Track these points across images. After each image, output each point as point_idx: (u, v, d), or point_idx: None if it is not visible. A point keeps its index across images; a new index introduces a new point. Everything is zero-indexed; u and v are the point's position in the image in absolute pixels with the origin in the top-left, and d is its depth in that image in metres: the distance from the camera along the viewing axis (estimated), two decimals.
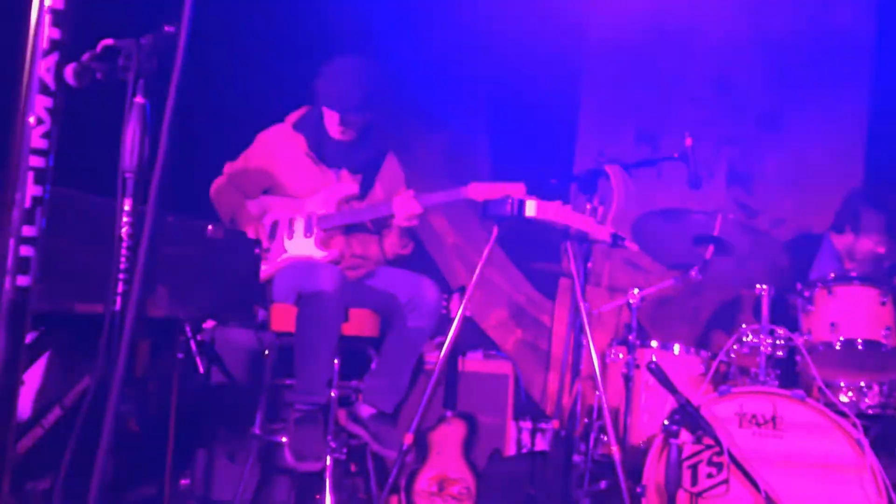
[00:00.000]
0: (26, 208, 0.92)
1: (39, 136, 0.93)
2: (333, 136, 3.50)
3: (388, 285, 3.45)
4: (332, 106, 3.42)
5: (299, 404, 3.22)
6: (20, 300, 0.93)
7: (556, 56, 4.99)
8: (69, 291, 1.72)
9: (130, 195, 1.53)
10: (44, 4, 0.92)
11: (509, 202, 3.19)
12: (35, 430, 1.95)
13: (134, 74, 1.42)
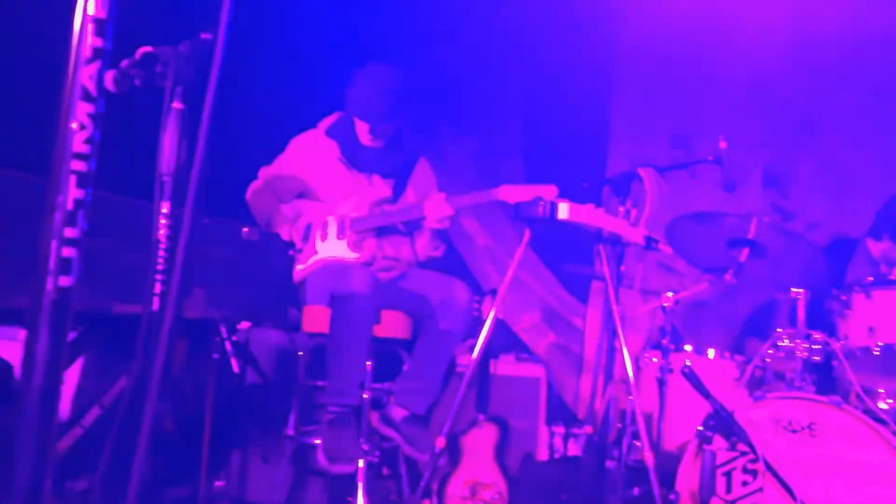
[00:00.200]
0: (69, 211, 0.95)
1: (82, 141, 0.95)
2: (364, 143, 3.53)
3: (420, 287, 3.46)
4: (363, 116, 3.45)
5: (332, 406, 3.24)
6: (62, 300, 0.95)
7: (589, 59, 4.97)
8: (108, 292, 1.75)
9: (168, 198, 1.55)
10: (87, 14, 0.94)
11: (541, 204, 3.19)
12: (75, 429, 1.99)
13: (171, 81, 1.45)
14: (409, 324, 3.49)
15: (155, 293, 1.54)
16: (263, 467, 3.51)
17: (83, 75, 0.94)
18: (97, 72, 0.94)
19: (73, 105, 0.94)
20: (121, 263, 1.76)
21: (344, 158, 3.54)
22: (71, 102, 0.94)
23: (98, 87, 0.95)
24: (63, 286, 0.95)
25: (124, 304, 1.78)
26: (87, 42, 0.94)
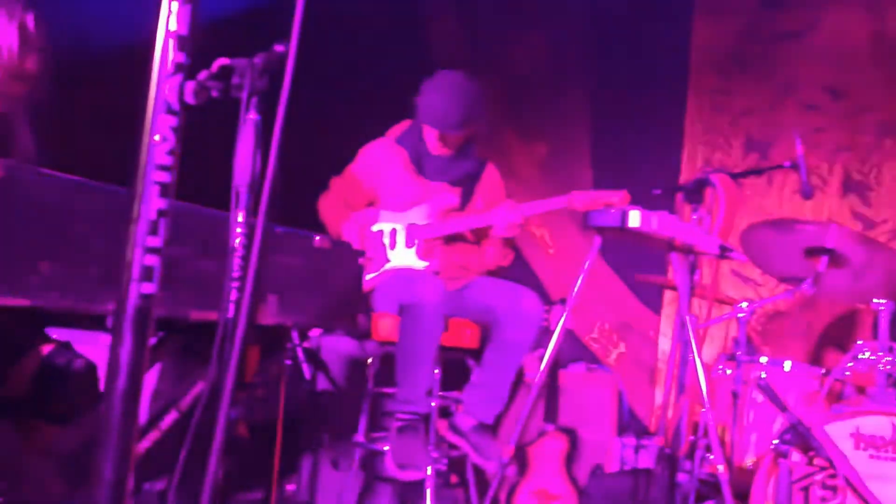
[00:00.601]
0: (151, 220, 0.99)
1: (164, 153, 0.99)
2: (433, 151, 3.55)
3: (488, 296, 3.46)
4: (432, 124, 3.47)
5: (400, 413, 3.26)
6: (145, 306, 0.99)
7: (662, 61, 4.90)
8: (185, 299, 1.80)
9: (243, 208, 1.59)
10: (169, 30, 0.98)
11: (611, 212, 3.15)
12: (152, 431, 2.05)
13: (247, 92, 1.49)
14: (476, 333, 3.49)
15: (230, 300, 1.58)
16: (333, 473, 3.55)
17: (165, 89, 0.97)
18: (178, 86, 0.98)
19: (156, 118, 0.98)
20: (198, 271, 1.81)
21: (413, 166, 3.56)
22: (154, 116, 0.98)
23: (179, 100, 0.98)
24: (146, 293, 0.98)
25: (201, 311, 1.83)
26: (168, 57, 0.98)
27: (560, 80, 5.13)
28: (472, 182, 3.63)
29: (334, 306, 2.26)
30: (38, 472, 1.73)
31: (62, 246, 1.55)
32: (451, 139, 3.50)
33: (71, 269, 1.56)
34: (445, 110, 3.41)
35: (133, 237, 0.98)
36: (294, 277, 2.10)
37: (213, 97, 1.51)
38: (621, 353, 4.84)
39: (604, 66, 5.00)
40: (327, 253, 2.22)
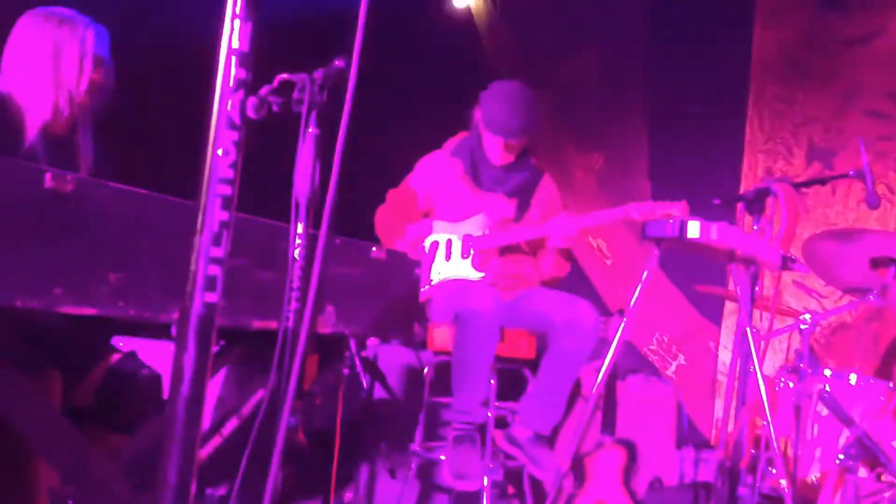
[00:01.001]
0: (214, 232, 1.02)
1: (226, 166, 1.02)
2: (492, 161, 3.56)
3: (544, 306, 3.45)
4: (497, 130, 3.47)
5: (457, 423, 3.27)
6: (208, 315, 1.02)
7: (721, 69, 4.83)
8: (247, 308, 1.84)
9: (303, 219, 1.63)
10: (231, 47, 1.01)
11: (670, 223, 3.12)
12: (214, 438, 2.09)
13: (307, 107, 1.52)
14: (532, 343, 3.48)
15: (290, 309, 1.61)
16: (390, 482, 3.57)
17: (228, 105, 1.00)
18: (240, 102, 1.01)
19: (218, 133, 1.01)
20: (258, 282, 1.85)
21: (469, 177, 3.58)
22: (217, 130, 1.01)
23: (241, 115, 1.02)
24: (209, 302, 1.01)
25: (262, 320, 1.87)
26: (231, 74, 1.01)
27: (617, 89, 5.10)
28: (529, 193, 3.63)
29: (391, 316, 2.28)
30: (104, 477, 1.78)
31: (128, 257, 1.61)
32: (515, 145, 3.51)
33: (137, 280, 1.61)
34: (510, 118, 3.42)
35: (197, 248, 1.01)
36: (351, 287, 2.13)
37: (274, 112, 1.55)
38: (681, 365, 4.77)
39: (661, 75, 4.95)
40: (383, 263, 2.25)
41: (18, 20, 2.32)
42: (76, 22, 2.32)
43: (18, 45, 2.29)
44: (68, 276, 1.51)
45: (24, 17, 2.33)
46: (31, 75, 2.26)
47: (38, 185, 1.47)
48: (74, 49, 2.28)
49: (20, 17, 2.34)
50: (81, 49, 2.29)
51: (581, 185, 5.07)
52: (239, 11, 1.02)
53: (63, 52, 2.27)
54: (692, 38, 4.82)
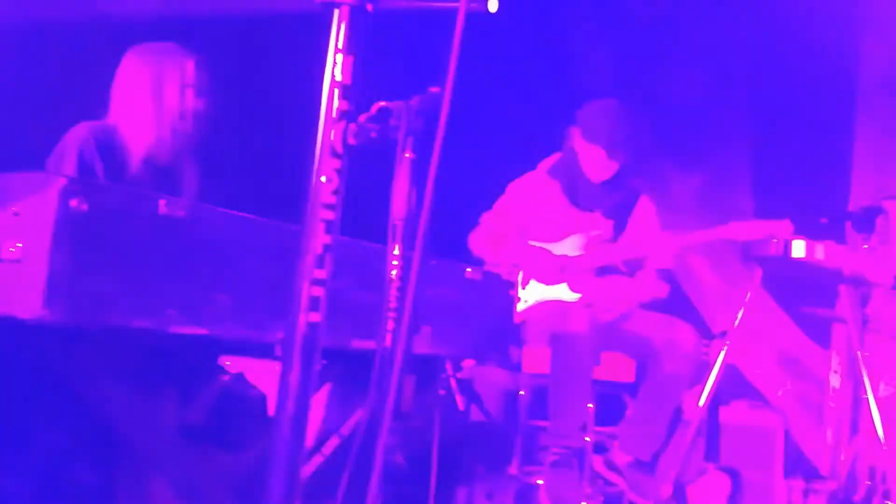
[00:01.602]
0: (318, 254, 1.06)
1: (329, 192, 1.07)
2: (591, 178, 3.53)
3: (643, 329, 3.39)
4: (599, 141, 3.43)
5: (554, 447, 3.24)
6: (312, 335, 1.06)
7: (828, 82, 4.67)
8: (346, 328, 1.89)
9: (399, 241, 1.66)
10: (335, 80, 1.06)
11: (774, 242, 3.03)
12: (316, 456, 2.14)
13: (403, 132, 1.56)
14: (632, 366, 3.43)
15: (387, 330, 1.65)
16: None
17: (331, 135, 1.05)
18: (342, 131, 1.05)
19: (322, 161, 1.06)
20: (357, 302, 1.90)
21: (565, 197, 3.57)
22: (320, 159, 1.06)
23: (343, 144, 1.06)
24: (312, 322, 1.06)
25: (360, 340, 1.91)
26: (333, 105, 1.06)
27: (717, 106, 4.99)
28: (626, 212, 3.59)
29: (486, 337, 2.30)
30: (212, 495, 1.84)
31: (236, 279, 1.68)
32: (618, 157, 3.48)
33: (244, 300, 1.68)
34: (613, 128, 3.41)
35: (301, 270, 1.06)
36: (446, 308, 2.16)
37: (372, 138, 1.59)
38: (788, 391, 4.60)
39: (763, 90, 4.82)
40: (478, 284, 2.27)
41: (124, 56, 2.46)
42: (176, 53, 2.44)
43: (123, 79, 2.43)
44: (180, 297, 1.59)
45: (128, 53, 2.46)
46: (134, 107, 2.39)
47: (152, 211, 1.56)
48: (175, 79, 2.40)
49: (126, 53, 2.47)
50: (181, 79, 2.40)
51: (681, 205, 4.98)
52: (341, 46, 1.07)
53: (164, 82, 2.39)
54: (797, 50, 4.68)
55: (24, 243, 1.44)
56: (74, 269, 1.43)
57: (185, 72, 2.41)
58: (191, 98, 2.42)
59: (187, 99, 2.41)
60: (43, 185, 1.45)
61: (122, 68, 2.44)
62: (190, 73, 2.41)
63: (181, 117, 2.41)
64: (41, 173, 1.91)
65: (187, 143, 2.48)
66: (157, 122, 2.39)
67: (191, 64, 2.42)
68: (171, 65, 2.41)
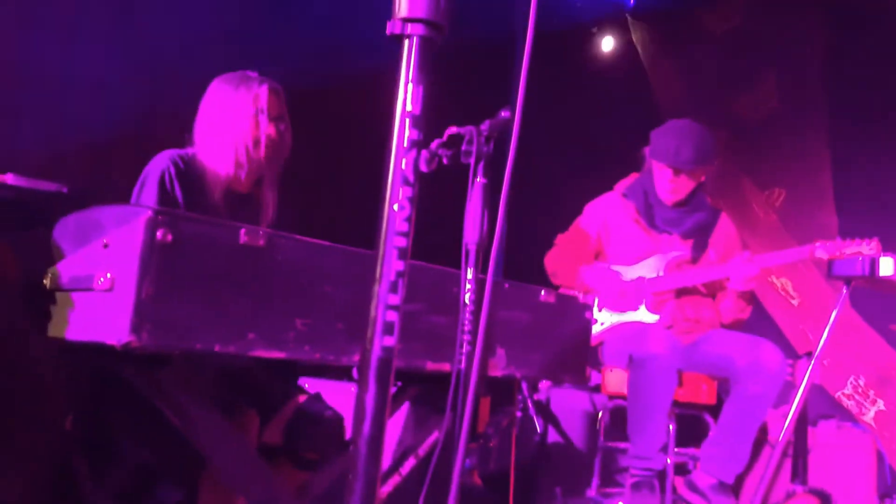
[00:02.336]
0: (391, 280, 1.09)
1: (402, 220, 1.09)
2: (663, 198, 3.49)
3: (725, 349, 3.32)
4: (664, 158, 3.40)
5: (635, 469, 3.19)
6: (387, 358, 1.08)
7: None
8: (421, 351, 1.91)
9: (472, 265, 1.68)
10: (405, 110, 1.08)
11: (860, 260, 2.94)
12: (394, 476, 2.16)
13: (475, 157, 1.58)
14: (713, 388, 3.35)
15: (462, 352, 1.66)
16: None
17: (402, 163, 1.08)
18: (413, 160, 1.08)
19: (394, 189, 1.08)
20: (431, 325, 1.92)
21: (642, 218, 3.53)
22: (393, 187, 1.08)
23: (414, 173, 1.09)
24: (387, 346, 1.08)
25: (435, 363, 1.93)
26: (405, 135, 1.08)
27: (797, 120, 4.88)
28: (706, 233, 3.53)
29: (562, 359, 2.28)
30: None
31: (314, 304, 1.72)
32: (683, 179, 3.42)
33: (321, 325, 1.72)
34: (678, 147, 3.36)
35: (376, 296, 1.08)
36: (521, 331, 2.15)
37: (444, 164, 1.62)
38: (880, 411, 4.42)
39: (844, 103, 4.69)
40: (553, 307, 2.26)
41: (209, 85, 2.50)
42: (251, 81, 2.45)
43: (204, 107, 2.48)
44: (260, 322, 1.63)
45: (213, 82, 2.51)
46: (212, 136, 2.43)
47: (234, 240, 1.61)
48: (248, 107, 2.41)
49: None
50: (255, 106, 2.42)
51: (762, 224, 4.86)
52: (412, 76, 1.10)
53: (238, 110, 2.41)
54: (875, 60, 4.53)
55: (113, 273, 1.51)
56: (160, 297, 1.49)
57: (258, 98, 2.42)
58: (264, 124, 2.43)
59: (261, 125, 2.42)
60: (130, 217, 1.52)
61: (204, 98, 2.50)
62: (263, 99, 2.43)
63: (255, 144, 2.43)
64: (128, 206, 2.00)
65: (266, 170, 2.50)
66: (234, 150, 2.41)
67: (264, 90, 2.43)
68: (245, 92, 2.43)
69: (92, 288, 1.53)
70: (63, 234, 1.69)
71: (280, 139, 2.48)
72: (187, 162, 2.42)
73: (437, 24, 1.14)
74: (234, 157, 2.41)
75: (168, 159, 2.39)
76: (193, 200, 2.37)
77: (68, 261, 1.64)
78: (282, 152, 2.52)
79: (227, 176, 2.43)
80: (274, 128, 2.45)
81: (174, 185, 2.36)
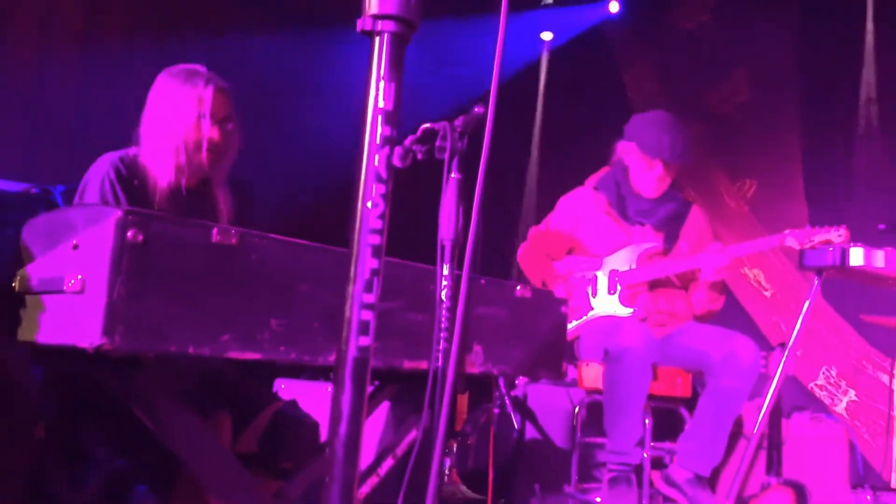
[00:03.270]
0: (366, 279, 1.08)
1: (375, 217, 1.08)
2: (643, 192, 3.50)
3: (699, 342, 3.34)
4: (656, 153, 3.40)
5: (612, 464, 3.21)
6: (362, 358, 1.07)
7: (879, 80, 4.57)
8: (398, 349, 1.90)
9: (448, 261, 1.68)
10: (378, 107, 1.07)
11: (830, 250, 2.97)
12: (371, 477, 2.15)
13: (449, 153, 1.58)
14: (688, 381, 3.37)
15: (439, 350, 1.66)
16: None
17: (375, 160, 1.07)
18: (386, 157, 1.07)
19: (367, 187, 1.07)
20: (409, 323, 1.91)
21: (613, 211, 3.54)
22: (366, 184, 1.07)
23: (387, 169, 1.08)
24: (363, 345, 1.07)
25: (412, 361, 1.92)
26: (377, 131, 1.07)
27: (766, 113, 4.92)
28: (677, 225, 3.55)
29: (538, 355, 2.28)
30: None
31: (289, 303, 1.70)
32: (671, 172, 3.44)
33: (297, 325, 1.71)
34: (672, 141, 3.38)
35: (350, 295, 1.07)
36: (498, 327, 2.15)
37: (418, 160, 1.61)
38: (852, 402, 4.48)
39: (813, 94, 4.74)
40: (529, 302, 2.26)
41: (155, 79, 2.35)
42: (197, 79, 2.31)
43: (149, 105, 2.33)
44: (234, 323, 1.61)
45: (158, 77, 2.35)
46: (154, 136, 2.29)
47: (206, 239, 1.59)
48: (192, 108, 2.28)
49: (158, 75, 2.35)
50: (199, 109, 2.29)
51: (734, 215, 4.90)
52: (383, 73, 1.09)
53: (181, 111, 2.28)
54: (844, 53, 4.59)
55: (84, 275, 1.49)
56: (132, 298, 1.47)
57: (202, 101, 2.29)
58: (206, 127, 2.30)
59: (203, 129, 2.29)
60: (100, 217, 1.50)
61: (150, 93, 2.34)
62: (207, 101, 2.29)
63: (196, 148, 2.29)
64: (99, 206, 1.97)
65: (211, 173, 2.37)
66: (174, 153, 2.27)
67: (209, 91, 2.30)
68: (190, 91, 2.29)
69: (62, 290, 1.50)
70: (32, 235, 1.66)
71: (225, 142, 2.34)
72: (129, 165, 2.28)
73: (408, 21, 1.13)
74: (174, 160, 2.28)
75: (109, 164, 2.26)
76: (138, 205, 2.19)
77: (38, 263, 1.61)
78: (227, 154, 2.38)
79: (169, 180, 2.29)
80: (218, 130, 2.32)
81: (116, 191, 2.23)
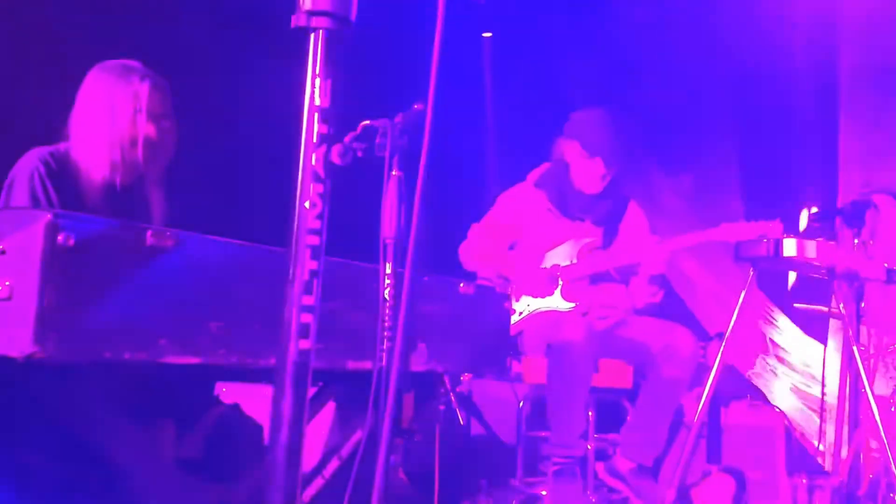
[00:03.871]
0: (305, 281, 1.06)
1: (314, 217, 1.06)
2: (584, 189, 3.52)
3: (640, 334, 3.39)
4: (601, 154, 3.43)
5: (556, 457, 3.23)
6: (303, 361, 1.05)
7: (811, 81, 4.69)
8: (341, 350, 1.88)
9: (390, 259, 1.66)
10: (314, 104, 1.06)
11: (764, 242, 3.04)
12: (317, 479, 2.13)
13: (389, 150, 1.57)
14: (629, 372, 3.42)
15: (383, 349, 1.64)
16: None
17: (312, 159, 1.05)
18: (324, 155, 1.05)
19: (305, 186, 1.05)
20: (352, 323, 1.89)
21: (553, 207, 3.57)
22: (303, 184, 1.05)
23: (325, 168, 1.06)
24: (303, 349, 1.05)
25: (356, 361, 1.90)
26: (314, 129, 1.06)
27: (702, 109, 5.02)
28: (615, 220, 3.60)
29: (482, 351, 2.29)
30: None
31: (228, 305, 1.67)
32: (615, 166, 3.47)
33: (237, 327, 1.67)
34: (612, 139, 3.41)
35: (289, 297, 1.05)
36: (441, 324, 2.15)
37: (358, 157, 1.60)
38: (787, 388, 4.60)
39: (747, 92, 4.85)
40: (472, 298, 2.26)
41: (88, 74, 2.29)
42: (132, 75, 2.26)
43: (80, 100, 2.28)
44: (172, 327, 1.58)
45: (91, 72, 2.30)
46: (87, 133, 2.24)
47: (140, 241, 1.55)
48: (127, 104, 2.23)
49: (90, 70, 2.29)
50: (134, 104, 2.24)
51: (671, 209, 4.99)
52: (319, 70, 1.07)
53: (116, 107, 2.22)
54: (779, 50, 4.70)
55: (12, 281, 1.43)
56: (64, 304, 1.42)
57: (138, 97, 2.23)
58: (142, 124, 2.24)
59: (139, 125, 2.24)
60: (29, 220, 1.44)
61: (82, 88, 2.28)
62: (143, 97, 2.24)
63: (132, 145, 2.24)
64: (26, 209, 1.90)
65: (146, 170, 2.31)
66: (109, 150, 2.22)
67: (145, 88, 2.25)
68: (125, 86, 2.23)
69: None
70: None
71: (161, 139, 2.30)
72: (59, 160, 2.21)
73: (342, 18, 1.11)
74: (109, 157, 2.22)
75: (37, 159, 2.18)
76: (69, 203, 2.16)
77: None
78: (164, 152, 2.33)
79: (103, 177, 2.23)
80: (154, 127, 2.27)
81: (46, 187, 2.16)
